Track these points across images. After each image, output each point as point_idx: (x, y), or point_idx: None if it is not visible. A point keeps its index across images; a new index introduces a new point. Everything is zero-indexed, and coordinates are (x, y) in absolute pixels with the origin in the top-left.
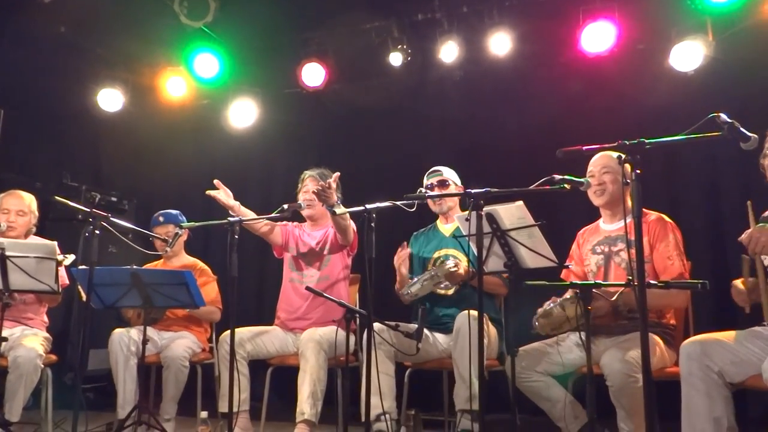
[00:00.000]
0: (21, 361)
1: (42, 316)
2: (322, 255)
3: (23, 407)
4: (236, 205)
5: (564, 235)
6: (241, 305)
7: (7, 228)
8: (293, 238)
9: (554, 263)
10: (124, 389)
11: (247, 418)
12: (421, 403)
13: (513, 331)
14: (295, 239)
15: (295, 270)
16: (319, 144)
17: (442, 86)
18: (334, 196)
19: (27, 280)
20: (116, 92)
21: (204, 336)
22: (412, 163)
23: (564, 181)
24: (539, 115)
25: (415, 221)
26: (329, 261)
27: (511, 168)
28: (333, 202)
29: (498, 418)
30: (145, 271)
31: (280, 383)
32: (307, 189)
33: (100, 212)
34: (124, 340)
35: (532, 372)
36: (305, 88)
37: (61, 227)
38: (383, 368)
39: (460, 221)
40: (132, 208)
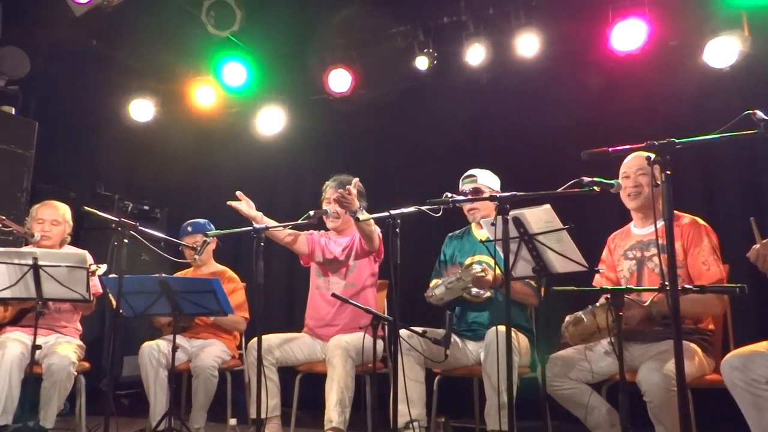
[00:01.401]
0: (55, 369)
1: (75, 324)
2: (347, 262)
3: (59, 413)
4: (258, 216)
5: (594, 240)
6: (270, 312)
7: (42, 237)
8: (319, 246)
9: (584, 268)
10: (155, 400)
11: (278, 424)
12: (451, 411)
13: (544, 338)
14: (321, 248)
15: (321, 277)
16: (346, 150)
17: (469, 89)
18: (355, 202)
19: (60, 288)
20: (147, 102)
21: (233, 343)
22: (440, 167)
23: (593, 183)
24: (568, 116)
25: (444, 226)
26: (355, 268)
27: (540, 171)
28: (355, 208)
29: (530, 425)
30: (173, 279)
31: (310, 390)
32: (329, 200)
33: (128, 221)
34: (153, 354)
35: (564, 379)
36: (332, 95)
37: (95, 237)
38: (412, 375)
39: (487, 226)
40: (164, 216)
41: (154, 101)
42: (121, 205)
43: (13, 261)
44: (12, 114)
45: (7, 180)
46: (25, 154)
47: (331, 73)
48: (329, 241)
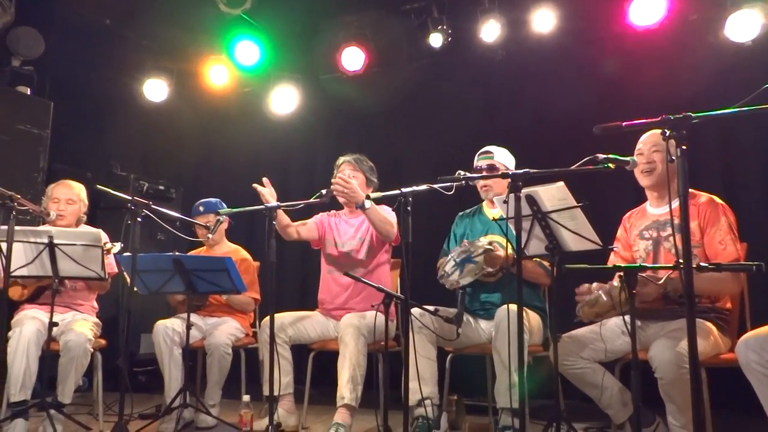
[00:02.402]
0: (72, 345)
1: (91, 302)
2: (360, 245)
3: (77, 389)
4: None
5: (609, 218)
6: (283, 291)
7: (57, 217)
8: (330, 230)
9: (598, 246)
10: (170, 377)
11: (291, 401)
12: (463, 389)
13: (556, 316)
14: (332, 231)
15: (333, 260)
16: (359, 128)
17: (484, 67)
18: (358, 192)
19: (75, 267)
20: (161, 82)
21: (247, 321)
22: (454, 145)
23: (608, 161)
24: (584, 93)
25: (456, 204)
26: (369, 249)
27: (556, 148)
28: (359, 199)
29: (543, 404)
30: (186, 257)
31: (323, 367)
32: (343, 173)
33: (141, 200)
34: (167, 332)
35: (576, 358)
36: (345, 73)
37: (110, 216)
38: (424, 353)
39: (499, 203)
40: (179, 195)
41: (167, 81)
42: (136, 185)
43: (29, 239)
44: (27, 94)
45: (24, 160)
46: (41, 134)
47: (344, 51)
48: (340, 221)
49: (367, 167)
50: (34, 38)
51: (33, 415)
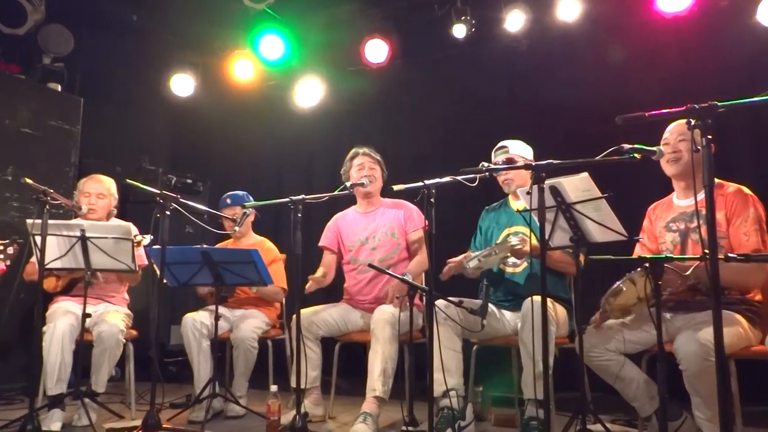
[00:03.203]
0: (104, 336)
1: (123, 294)
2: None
3: (110, 379)
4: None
5: (635, 209)
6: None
7: (89, 211)
8: (346, 231)
9: (624, 237)
10: (199, 368)
11: (318, 394)
12: (489, 380)
13: (582, 308)
14: (349, 230)
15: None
16: (383, 120)
17: (508, 57)
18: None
19: (106, 259)
20: (187, 77)
21: (274, 313)
22: (479, 137)
23: (634, 151)
24: (611, 83)
25: (481, 196)
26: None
27: (581, 139)
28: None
29: (569, 397)
30: (214, 249)
31: (349, 359)
32: (362, 165)
33: (169, 194)
34: (195, 325)
35: (603, 350)
36: (369, 65)
37: (140, 209)
38: (450, 344)
39: (522, 195)
40: (206, 189)
41: (194, 75)
42: (165, 179)
43: (62, 233)
44: (58, 91)
45: (56, 155)
46: (72, 130)
47: (368, 44)
48: (356, 217)
49: (380, 159)
50: (64, 35)
51: (68, 404)
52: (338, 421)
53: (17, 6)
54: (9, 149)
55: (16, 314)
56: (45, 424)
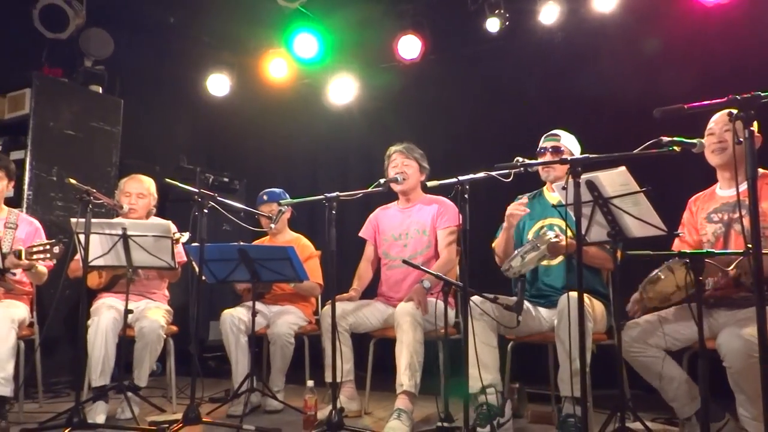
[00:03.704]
0: (146, 332)
1: (163, 291)
2: (418, 234)
3: (152, 373)
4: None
5: (675, 203)
6: (345, 279)
7: (129, 210)
8: (384, 225)
9: (663, 232)
10: (237, 363)
11: (352, 388)
12: (525, 377)
13: (620, 303)
14: (386, 224)
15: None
16: (417, 117)
17: (542, 50)
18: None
19: (147, 257)
20: (223, 77)
21: (310, 309)
22: (513, 132)
23: (673, 143)
24: (649, 74)
25: (515, 191)
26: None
27: (618, 133)
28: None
29: (607, 394)
30: (251, 247)
31: (384, 354)
32: (395, 162)
33: (207, 192)
34: (233, 321)
35: (643, 345)
36: (401, 62)
37: (179, 208)
38: (486, 340)
39: (558, 190)
40: (243, 187)
41: (229, 75)
42: (202, 178)
43: (104, 231)
44: (99, 93)
45: (98, 156)
46: (113, 131)
47: (401, 40)
48: (395, 213)
49: (419, 154)
50: (104, 39)
51: (112, 398)
52: (374, 417)
53: (60, 11)
54: (53, 150)
55: (61, 310)
56: (90, 417)
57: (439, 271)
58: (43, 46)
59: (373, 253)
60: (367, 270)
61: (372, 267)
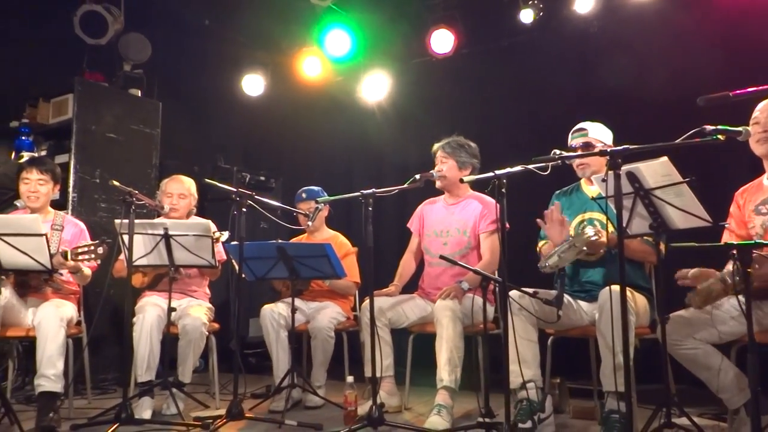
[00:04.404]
0: (189, 329)
1: (204, 289)
2: (460, 230)
3: (195, 370)
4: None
5: (722, 194)
6: (382, 275)
7: (171, 210)
8: (428, 220)
9: (708, 223)
10: (277, 359)
11: (391, 383)
12: (566, 372)
13: (664, 297)
14: (430, 219)
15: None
16: (451, 111)
17: (578, 40)
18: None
19: (188, 256)
20: (258, 77)
21: (348, 305)
22: (549, 124)
23: (717, 132)
24: (690, 62)
25: (553, 184)
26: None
27: (657, 123)
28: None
29: (651, 389)
30: (289, 244)
31: (422, 349)
32: (437, 159)
33: (245, 191)
34: (273, 316)
35: (688, 339)
36: (435, 56)
37: (219, 207)
38: (525, 335)
39: (597, 182)
40: (279, 185)
41: (264, 75)
42: (239, 177)
43: (147, 231)
44: (138, 96)
45: (139, 158)
46: (152, 133)
47: (433, 34)
48: (439, 209)
49: (462, 150)
50: (142, 43)
51: (157, 394)
52: (414, 412)
53: (99, 18)
54: (96, 154)
55: (106, 310)
56: (137, 412)
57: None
58: (83, 52)
59: (417, 246)
60: (410, 262)
61: (416, 260)
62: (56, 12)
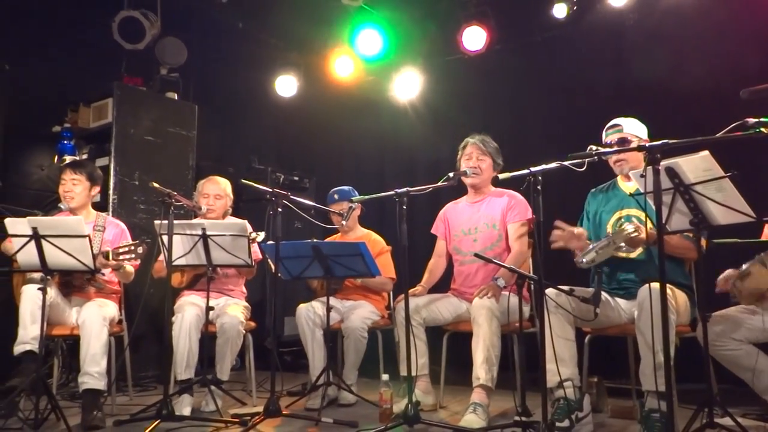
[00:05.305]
0: (227, 327)
1: (241, 288)
2: (489, 228)
3: (232, 368)
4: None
5: (762, 188)
6: (417, 274)
7: (208, 210)
8: (454, 221)
9: (752, 218)
10: (313, 357)
11: (427, 382)
12: (604, 371)
13: (705, 294)
14: (457, 220)
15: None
16: (484, 108)
17: (613, 34)
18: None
19: (225, 255)
20: (290, 77)
21: (382, 304)
22: (585, 119)
23: (760, 125)
24: (729, 55)
25: (589, 180)
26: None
27: (696, 116)
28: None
29: (692, 388)
30: (324, 243)
31: (457, 348)
32: (470, 155)
33: (281, 191)
34: (309, 315)
35: (728, 339)
36: (467, 53)
37: (253, 207)
38: (562, 333)
39: (636, 178)
40: (312, 185)
41: (297, 76)
42: (273, 177)
43: (185, 232)
44: (175, 99)
45: (176, 160)
46: (189, 135)
47: (465, 32)
48: (464, 208)
49: (494, 149)
50: (178, 47)
51: (197, 391)
52: (449, 410)
53: (137, 23)
54: (135, 156)
55: (146, 309)
56: (177, 409)
57: (511, 265)
58: (122, 57)
59: (443, 249)
60: (438, 265)
61: (444, 262)
62: (95, 19)
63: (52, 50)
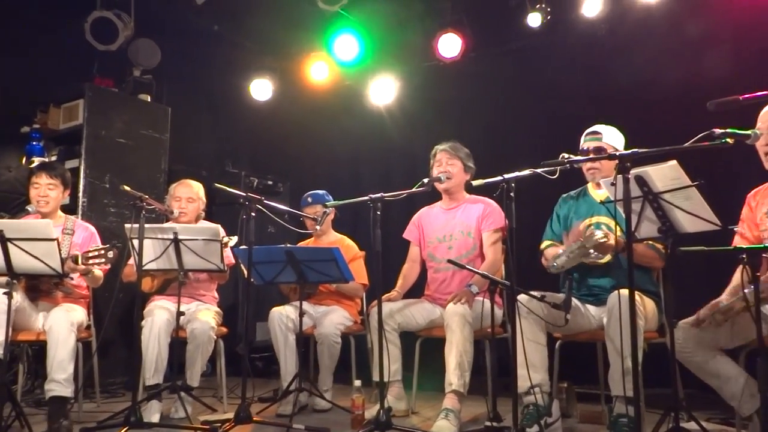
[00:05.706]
0: (197, 333)
1: (213, 293)
2: (463, 234)
3: (202, 374)
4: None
5: (732, 197)
6: (390, 279)
7: (180, 214)
8: (428, 227)
9: (717, 226)
10: (285, 362)
11: (399, 387)
12: (574, 376)
13: (673, 301)
14: (430, 226)
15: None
16: (459, 115)
17: (585, 44)
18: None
19: (197, 260)
20: (266, 81)
21: (355, 309)
22: (558, 127)
23: (726, 135)
24: (698, 66)
25: (561, 188)
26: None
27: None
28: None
29: (659, 393)
30: (297, 248)
31: (430, 353)
32: (439, 161)
33: (254, 196)
34: (282, 319)
35: (696, 345)
36: (443, 60)
37: (226, 211)
38: (533, 337)
39: (606, 186)
40: (287, 189)
41: (272, 80)
42: (247, 181)
43: (157, 236)
44: (148, 101)
45: (148, 162)
46: (161, 138)
47: (441, 39)
48: (439, 214)
49: (464, 154)
50: (152, 49)
51: (166, 397)
52: (421, 416)
53: (110, 24)
54: (106, 158)
55: (115, 313)
56: (145, 416)
57: (486, 272)
58: (94, 58)
59: (417, 255)
60: (412, 271)
61: (417, 268)
62: (67, 19)
63: (22, 49)
